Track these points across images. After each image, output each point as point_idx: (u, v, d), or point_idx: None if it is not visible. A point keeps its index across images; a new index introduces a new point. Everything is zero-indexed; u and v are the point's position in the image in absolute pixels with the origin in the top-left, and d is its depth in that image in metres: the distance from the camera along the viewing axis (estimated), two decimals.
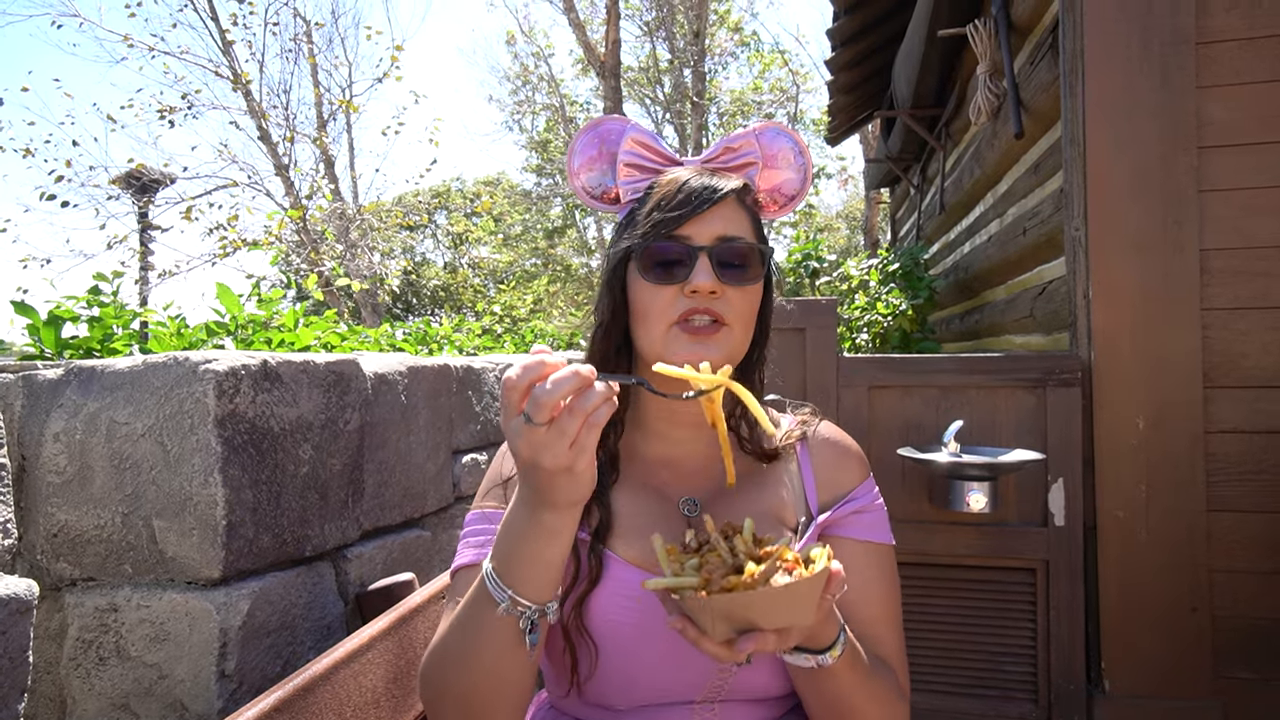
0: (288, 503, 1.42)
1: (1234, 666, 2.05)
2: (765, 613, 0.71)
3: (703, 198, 0.92)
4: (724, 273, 0.91)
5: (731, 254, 0.92)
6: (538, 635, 0.80)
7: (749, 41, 17.98)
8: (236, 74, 9.92)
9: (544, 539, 0.77)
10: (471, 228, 16.80)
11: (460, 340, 3.67)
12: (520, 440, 0.72)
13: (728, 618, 0.72)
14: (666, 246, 0.91)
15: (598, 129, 1.03)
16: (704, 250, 0.90)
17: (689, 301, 0.90)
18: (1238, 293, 2.08)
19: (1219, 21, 2.11)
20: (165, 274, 9.05)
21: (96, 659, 1.32)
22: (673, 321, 0.90)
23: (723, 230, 0.92)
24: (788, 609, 0.72)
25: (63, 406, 1.33)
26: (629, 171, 1.00)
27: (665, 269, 0.91)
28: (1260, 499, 2.04)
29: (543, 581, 0.79)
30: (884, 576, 1.00)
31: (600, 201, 1.05)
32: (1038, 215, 2.86)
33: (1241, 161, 2.09)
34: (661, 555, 0.79)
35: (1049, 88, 2.62)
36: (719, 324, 0.91)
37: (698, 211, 0.91)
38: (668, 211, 0.92)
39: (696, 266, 0.90)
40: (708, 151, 1.02)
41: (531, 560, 0.78)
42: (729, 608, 0.71)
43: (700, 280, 0.89)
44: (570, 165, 1.05)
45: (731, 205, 0.95)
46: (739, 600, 0.70)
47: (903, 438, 2.24)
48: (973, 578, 2.21)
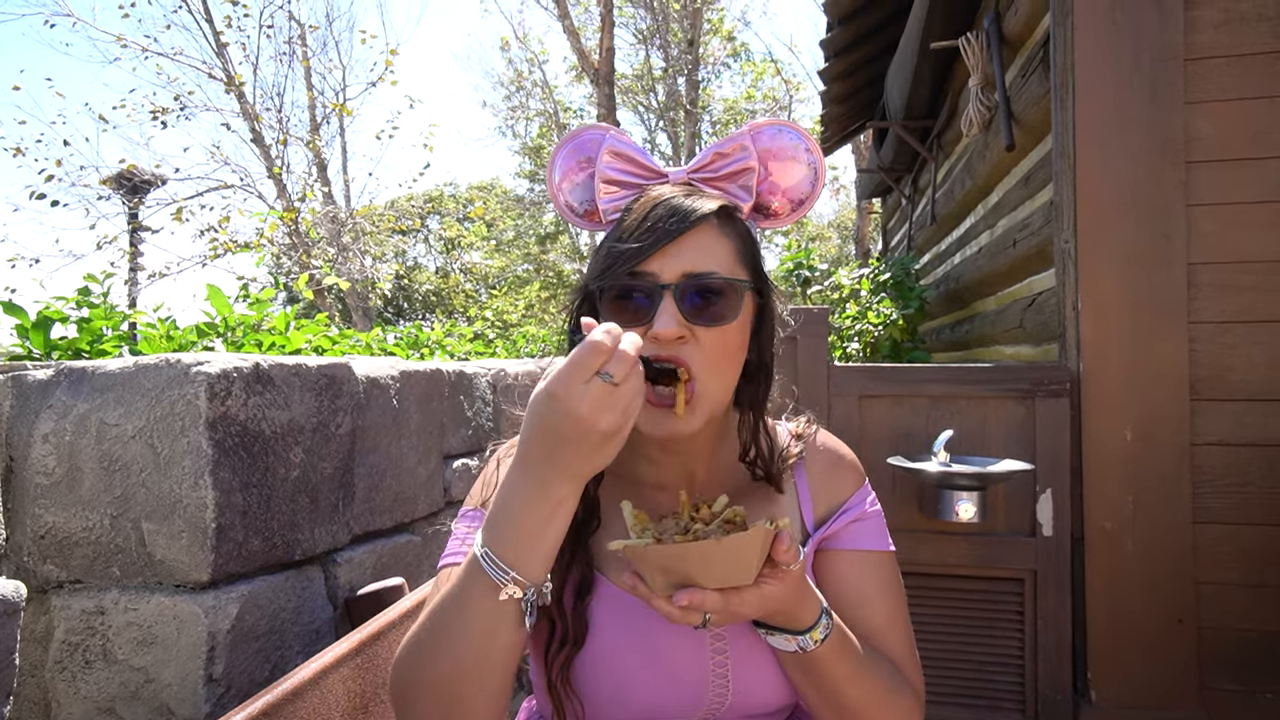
0: (278, 506, 1.41)
1: (1220, 678, 2.06)
2: (700, 567, 0.72)
3: (667, 229, 0.81)
4: (693, 313, 0.81)
5: (702, 291, 0.81)
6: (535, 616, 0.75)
7: (740, 51, 18.09)
8: (230, 76, 9.90)
9: (551, 510, 0.73)
10: (464, 233, 16.79)
11: (452, 345, 3.66)
12: (587, 401, 0.68)
13: (664, 570, 0.73)
14: (627, 286, 0.82)
15: (578, 139, 0.94)
16: (667, 289, 0.81)
17: (653, 347, 0.80)
18: (1225, 307, 2.11)
19: (1207, 38, 2.15)
20: (155, 275, 9.00)
21: (83, 662, 1.31)
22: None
23: (691, 265, 0.82)
24: (723, 565, 0.72)
25: (52, 407, 1.32)
26: (608, 189, 0.90)
27: (627, 311, 0.82)
28: (1246, 511, 2.06)
29: (543, 556, 0.74)
30: (886, 583, 0.98)
31: (584, 219, 0.95)
32: (1028, 227, 2.88)
33: (1229, 177, 2.12)
34: (630, 520, 0.79)
35: (1040, 101, 2.64)
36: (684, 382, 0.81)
37: (661, 244, 0.81)
38: (630, 242, 0.82)
39: (660, 308, 0.80)
40: (696, 159, 0.91)
41: (534, 535, 0.73)
42: (664, 559, 0.72)
43: (662, 326, 0.79)
44: (551, 180, 0.96)
45: (707, 232, 0.84)
46: (673, 552, 0.71)
47: (893, 447, 2.26)
48: (961, 587, 2.22)
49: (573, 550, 0.89)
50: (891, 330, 4.22)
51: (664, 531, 0.76)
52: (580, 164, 0.95)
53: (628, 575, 0.75)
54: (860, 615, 0.94)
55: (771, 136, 0.92)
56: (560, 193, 0.96)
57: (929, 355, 4.59)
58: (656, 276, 0.82)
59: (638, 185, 0.91)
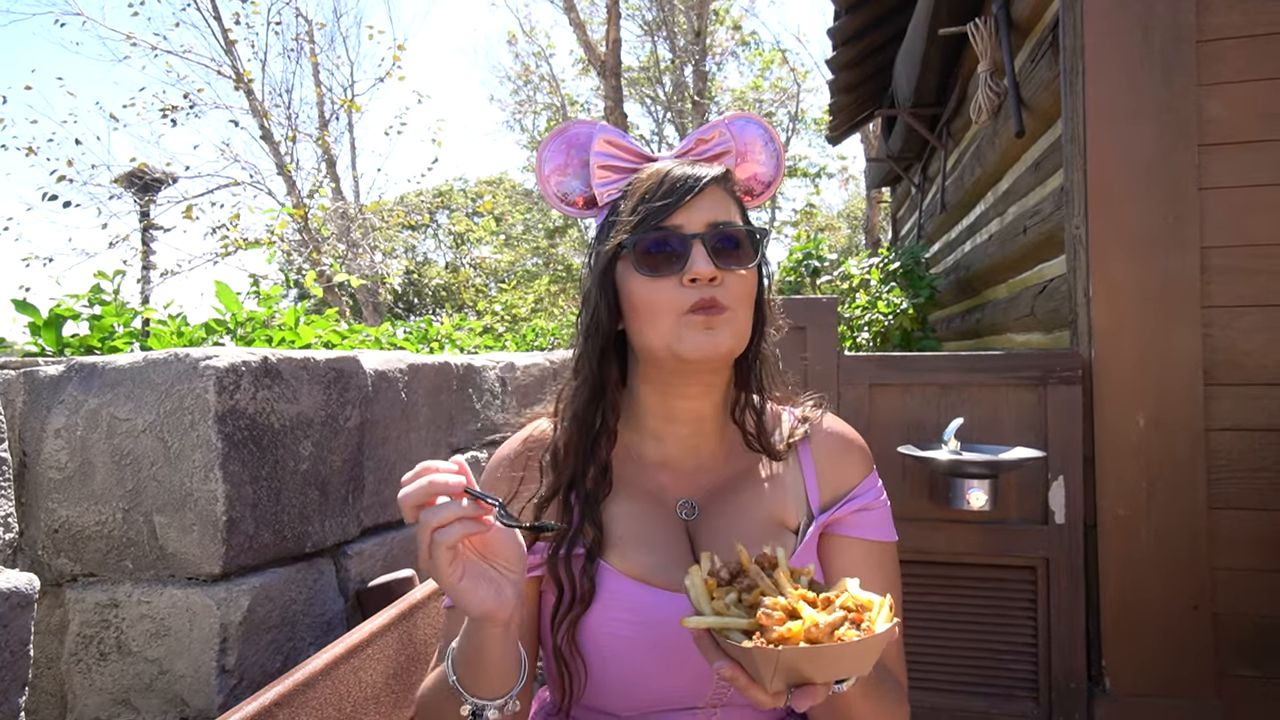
0: (288, 499, 1.42)
1: (1236, 665, 2.04)
2: (829, 667, 0.67)
3: (688, 185, 0.90)
4: (720, 258, 0.89)
5: (726, 238, 0.90)
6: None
7: (749, 40, 17.99)
8: (239, 73, 9.94)
9: (473, 644, 0.79)
10: (473, 227, 16.81)
11: (461, 339, 3.67)
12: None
13: (791, 671, 0.67)
14: (659, 237, 0.89)
15: (565, 134, 1.01)
16: (698, 237, 0.89)
17: (693, 292, 0.88)
18: (1238, 291, 2.08)
19: (1220, 19, 2.11)
20: (167, 273, 9.07)
21: (97, 654, 1.32)
22: (681, 311, 0.88)
23: (712, 216, 0.91)
24: (853, 663, 0.68)
25: (64, 403, 1.33)
26: (604, 173, 0.97)
27: (660, 261, 0.89)
28: (1261, 497, 2.04)
29: (485, 680, 0.80)
30: (887, 575, 0.99)
31: (575, 208, 1.02)
32: (1038, 213, 2.85)
33: (1242, 159, 2.09)
34: (701, 591, 0.74)
35: (1049, 86, 2.61)
36: (723, 308, 0.89)
37: (684, 199, 0.89)
38: (654, 202, 0.90)
39: (693, 254, 0.88)
40: (680, 145, 1.00)
41: (472, 661, 0.80)
42: (795, 662, 0.66)
43: (700, 267, 0.87)
44: (540, 173, 1.02)
45: (716, 191, 0.93)
46: (807, 654, 0.66)
47: (903, 436, 2.24)
48: (973, 576, 2.21)
49: (584, 515, 0.92)
50: (902, 319, 4.19)
51: (769, 613, 0.69)
52: (569, 156, 1.01)
53: (726, 667, 0.69)
54: None
55: (741, 127, 1.02)
56: (549, 184, 1.02)
57: (939, 344, 4.57)
58: (684, 227, 0.90)
59: (630, 169, 0.97)
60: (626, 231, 0.91)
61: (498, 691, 0.80)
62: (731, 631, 0.69)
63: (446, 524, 0.70)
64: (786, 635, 0.67)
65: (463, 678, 0.80)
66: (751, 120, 1.03)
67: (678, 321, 0.88)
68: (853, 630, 0.68)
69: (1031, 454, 2.03)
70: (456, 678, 0.80)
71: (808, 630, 0.67)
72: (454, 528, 0.70)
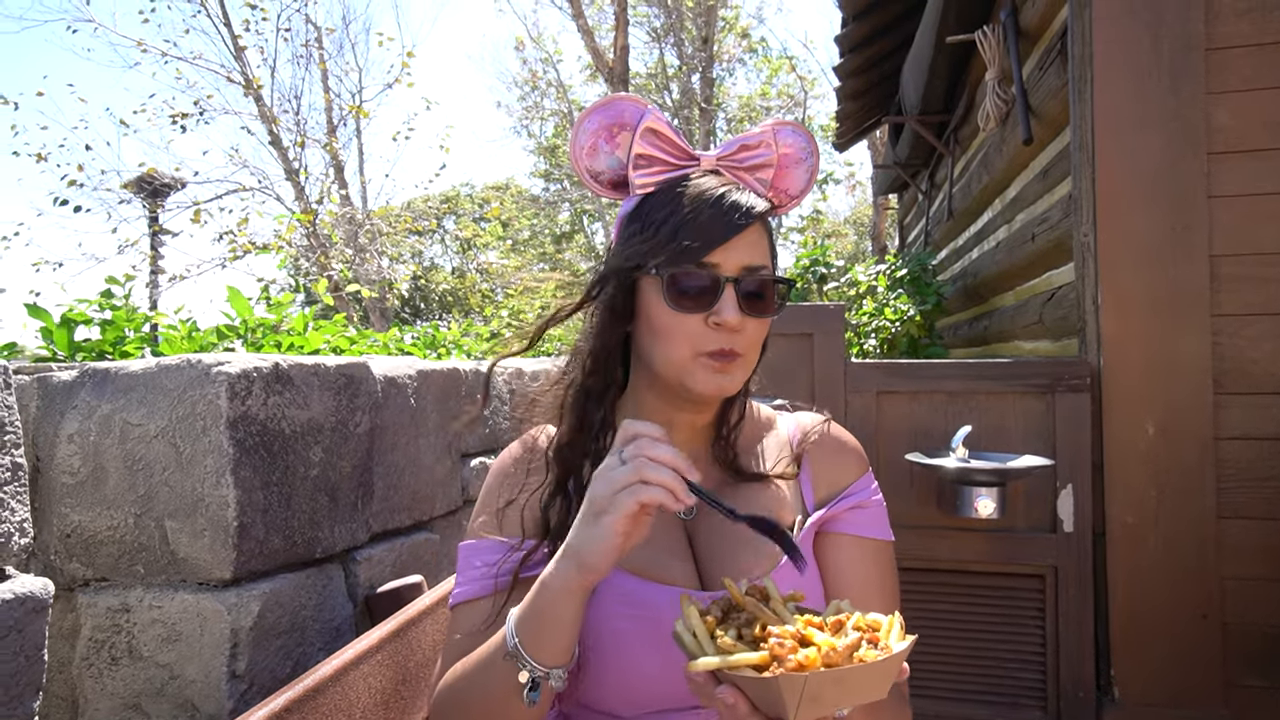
0: (298, 504, 1.43)
1: (1245, 675, 2.03)
2: (854, 690, 0.65)
3: (733, 225, 0.88)
4: (748, 305, 0.89)
5: (755, 285, 0.89)
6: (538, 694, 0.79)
7: (757, 48, 18.02)
8: (248, 79, 10.02)
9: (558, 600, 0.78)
10: (480, 233, 16.86)
11: (469, 344, 3.68)
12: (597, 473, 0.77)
13: (815, 699, 0.64)
14: (695, 276, 0.87)
15: (611, 108, 0.95)
16: (731, 281, 0.87)
17: (715, 336, 0.88)
18: (1247, 299, 2.08)
19: (1229, 27, 2.11)
20: (176, 278, 9.13)
21: (109, 659, 1.33)
22: (699, 352, 0.88)
23: (749, 259, 0.89)
24: (877, 684, 0.66)
25: (77, 408, 1.35)
26: (643, 163, 0.94)
27: (691, 297, 0.88)
28: (1271, 506, 2.03)
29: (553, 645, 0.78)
30: (883, 574, 0.99)
31: (604, 187, 0.99)
32: (1046, 221, 2.85)
33: (1251, 168, 2.09)
34: (702, 633, 0.71)
35: (1058, 93, 2.62)
36: (738, 355, 0.90)
37: (728, 238, 0.88)
38: (694, 235, 0.87)
39: (723, 298, 0.87)
40: (723, 148, 0.96)
41: (548, 623, 0.78)
42: (821, 687, 0.63)
43: (727, 316, 0.87)
44: (575, 143, 0.97)
45: (757, 228, 0.91)
46: (833, 678, 0.64)
47: (911, 443, 2.24)
48: (981, 584, 2.21)
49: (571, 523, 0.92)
50: (909, 326, 4.19)
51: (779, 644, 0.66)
52: (610, 132, 0.96)
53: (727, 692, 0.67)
54: (857, 604, 0.94)
55: (787, 136, 0.99)
56: (581, 156, 0.97)
57: (947, 351, 4.56)
58: (720, 268, 0.88)
59: (670, 164, 0.94)
60: (660, 254, 0.88)
61: (560, 660, 0.79)
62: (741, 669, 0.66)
63: (654, 484, 0.72)
64: (805, 662, 0.64)
65: (528, 642, 0.78)
66: (798, 132, 1.01)
67: (694, 359, 0.89)
68: (871, 650, 0.67)
69: (1040, 462, 2.02)
70: (519, 641, 0.78)
71: (826, 655, 0.65)
72: (657, 491, 0.72)
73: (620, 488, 0.73)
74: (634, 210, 0.95)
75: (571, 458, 0.94)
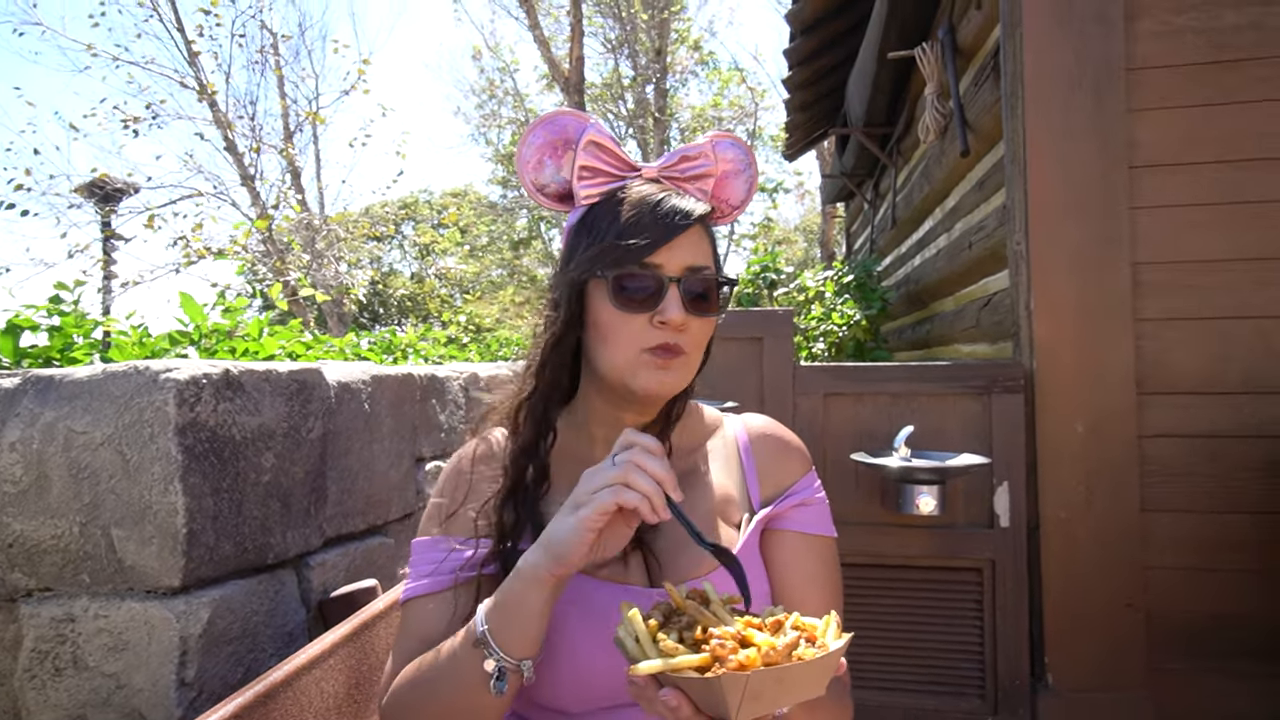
0: (249, 510, 1.42)
1: (1166, 659, 2.15)
2: (794, 687, 0.66)
3: (674, 225, 0.91)
4: (691, 304, 0.91)
5: (699, 285, 0.92)
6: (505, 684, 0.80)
7: (707, 60, 18.26)
8: (202, 84, 9.80)
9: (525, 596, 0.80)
10: (438, 238, 16.71)
11: (425, 349, 3.67)
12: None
13: (757, 697, 0.65)
14: (638, 277, 0.90)
15: (553, 123, 0.98)
16: (674, 281, 0.90)
17: (657, 334, 0.90)
18: (1168, 304, 2.20)
19: (1147, 48, 2.24)
20: (128, 284, 8.86)
21: (53, 670, 1.31)
22: (642, 349, 0.91)
23: (691, 259, 0.92)
24: (815, 681, 0.67)
25: (19, 415, 1.33)
26: (586, 174, 0.97)
27: (635, 298, 0.90)
28: (1190, 499, 2.15)
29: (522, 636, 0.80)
30: (827, 569, 1.02)
31: (549, 199, 1.01)
32: (983, 230, 2.97)
33: (1169, 181, 2.22)
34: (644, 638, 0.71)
35: (992, 108, 2.73)
36: (681, 352, 0.92)
37: (668, 239, 0.90)
38: (637, 237, 0.90)
39: (667, 298, 0.90)
40: (664, 159, 0.99)
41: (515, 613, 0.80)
42: (762, 685, 0.64)
43: (671, 314, 0.89)
44: (521, 156, 1.00)
45: (698, 230, 0.94)
46: (773, 676, 0.65)
47: (856, 443, 2.32)
48: (922, 578, 2.29)
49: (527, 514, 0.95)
50: (855, 331, 4.30)
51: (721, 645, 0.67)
52: (554, 146, 0.99)
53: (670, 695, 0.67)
54: (801, 596, 0.98)
55: (725, 149, 1.04)
56: (527, 170, 1.00)
57: (891, 355, 4.69)
58: (663, 269, 0.91)
59: (613, 175, 0.97)
60: (605, 258, 0.91)
61: (528, 651, 0.80)
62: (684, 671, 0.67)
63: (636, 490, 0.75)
64: (746, 662, 0.65)
65: (497, 631, 0.80)
66: (735, 144, 1.05)
67: (636, 357, 0.91)
68: (810, 648, 0.68)
69: (977, 460, 2.11)
70: (489, 628, 0.80)
71: (765, 654, 0.66)
72: (635, 497, 0.75)
73: (603, 486, 0.76)
74: (579, 221, 0.98)
75: (524, 463, 0.96)
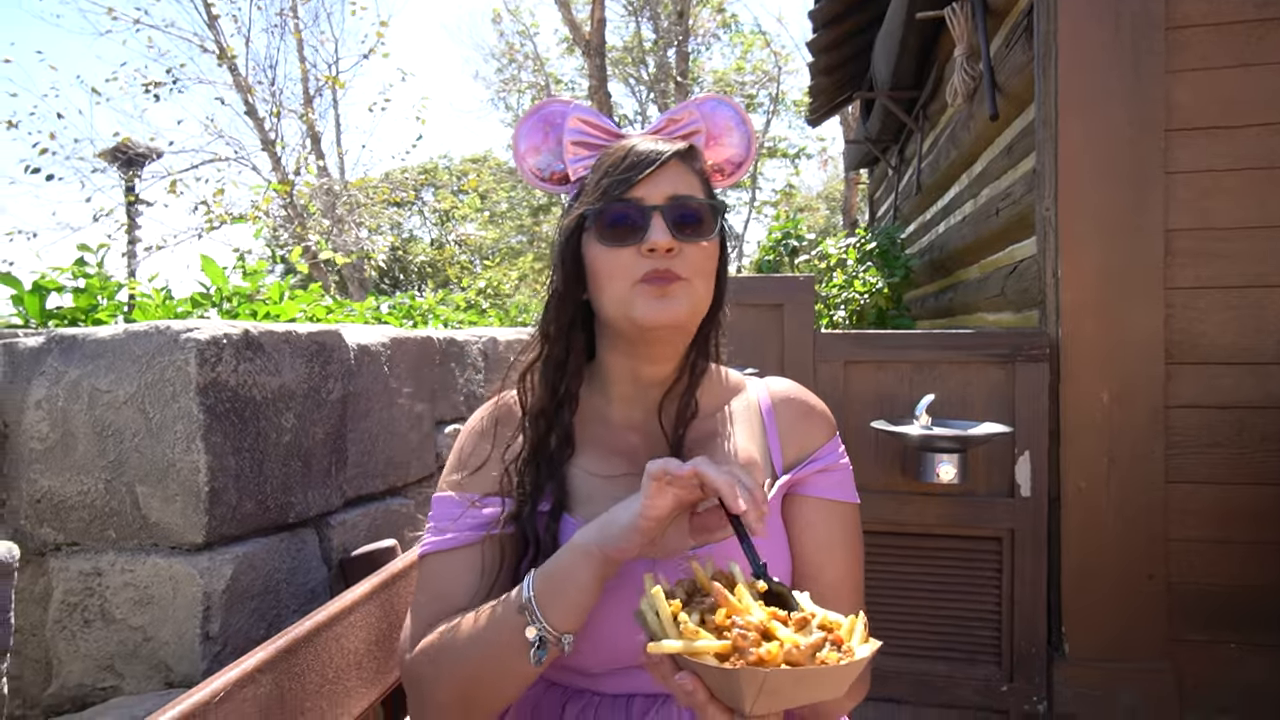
0: (270, 470, 1.44)
1: (1185, 629, 2.14)
2: (812, 690, 0.64)
3: (650, 159, 0.93)
4: (679, 230, 0.92)
5: (685, 211, 0.93)
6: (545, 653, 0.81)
7: (730, 23, 17.91)
8: (222, 48, 9.80)
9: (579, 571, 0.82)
10: (458, 204, 16.69)
11: (445, 314, 3.68)
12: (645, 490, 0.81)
13: (773, 694, 0.63)
14: (620, 209, 0.92)
15: (541, 112, 1.04)
16: (657, 209, 0.91)
17: (649, 261, 0.91)
18: (1199, 273, 2.15)
19: (1188, 6, 2.16)
20: (153, 248, 8.96)
21: (82, 622, 1.34)
22: (634, 280, 0.91)
23: (673, 189, 0.93)
24: (834, 686, 0.65)
25: (44, 374, 1.34)
26: (577, 149, 1.00)
27: (621, 231, 0.92)
28: (1214, 471, 2.12)
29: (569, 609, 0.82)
30: (848, 536, 1.02)
31: (549, 183, 1.06)
32: (1010, 196, 2.91)
33: (1206, 145, 2.15)
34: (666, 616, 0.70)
35: (1023, 70, 2.66)
36: (678, 279, 0.92)
37: (645, 172, 0.92)
38: (617, 175, 0.93)
39: (652, 225, 0.91)
40: (652, 125, 1.03)
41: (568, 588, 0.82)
42: (780, 684, 0.63)
43: (656, 238, 0.90)
44: (516, 149, 1.06)
45: (679, 167, 0.96)
46: (792, 677, 0.63)
47: (876, 411, 2.30)
48: (942, 546, 2.28)
49: (550, 475, 0.96)
50: (877, 298, 4.26)
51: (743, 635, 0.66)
52: (545, 134, 1.05)
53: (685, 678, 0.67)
54: (821, 562, 0.99)
55: (712, 109, 1.05)
56: (525, 160, 1.06)
57: (913, 323, 4.64)
58: (645, 200, 0.92)
59: (602, 146, 1.01)
60: (591, 202, 0.94)
61: (569, 624, 0.81)
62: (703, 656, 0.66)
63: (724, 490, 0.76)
64: (766, 657, 0.64)
65: (543, 599, 0.81)
66: (723, 102, 1.06)
67: (631, 289, 0.92)
68: (834, 651, 0.66)
69: (999, 429, 2.09)
70: (534, 595, 0.81)
71: (787, 652, 0.65)
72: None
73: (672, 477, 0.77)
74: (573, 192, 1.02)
75: (543, 425, 0.97)
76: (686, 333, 0.98)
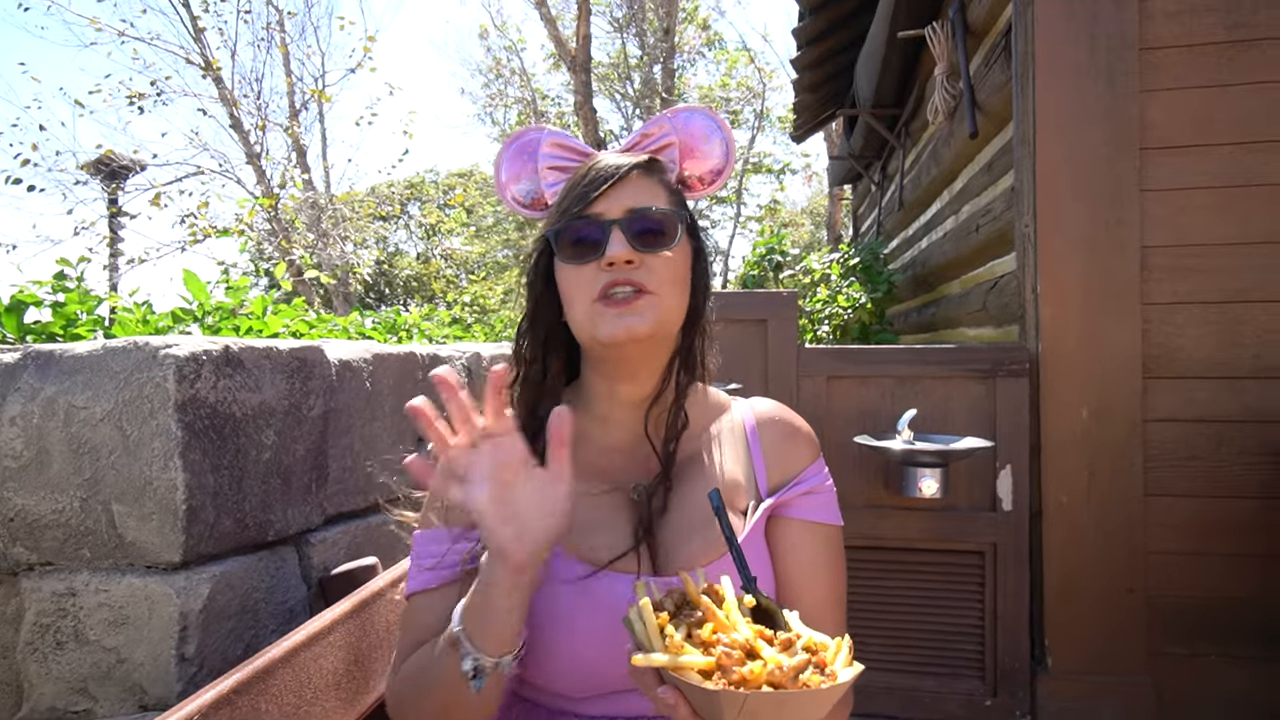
0: (250, 487, 1.42)
1: (1165, 642, 2.15)
2: (793, 713, 0.64)
3: (607, 174, 0.93)
4: (640, 242, 0.91)
5: (646, 222, 0.92)
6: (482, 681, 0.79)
7: (715, 40, 18.09)
8: (208, 61, 9.76)
9: (481, 587, 0.80)
10: (444, 219, 16.67)
11: (430, 329, 3.67)
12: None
13: (755, 714, 0.63)
14: (580, 225, 0.92)
15: (518, 141, 1.06)
16: (615, 223, 0.91)
17: (609, 274, 0.90)
18: (1175, 288, 2.18)
19: (1161, 28, 2.21)
20: (135, 261, 8.87)
21: (54, 643, 1.32)
22: (594, 298, 0.90)
23: (632, 202, 0.93)
24: (816, 710, 0.65)
25: (19, 390, 1.33)
26: (552, 174, 1.01)
27: (582, 248, 0.92)
28: (1192, 484, 2.15)
29: (491, 631, 0.80)
30: (832, 558, 1.01)
31: (532, 209, 1.07)
32: (990, 212, 2.94)
33: (1180, 163, 2.19)
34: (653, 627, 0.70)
35: (1002, 89, 2.70)
36: (642, 292, 0.90)
37: (601, 188, 0.92)
38: (576, 192, 0.93)
39: (610, 239, 0.90)
40: (626, 140, 1.03)
41: (478, 607, 0.80)
42: (760, 706, 0.63)
43: (614, 251, 0.89)
44: (498, 179, 1.07)
45: (641, 180, 0.95)
46: (774, 700, 0.63)
47: (859, 426, 2.31)
48: (924, 561, 2.29)
49: None
50: (860, 313, 4.29)
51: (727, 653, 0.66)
52: (524, 161, 1.05)
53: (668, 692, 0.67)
54: (805, 584, 0.97)
55: (686, 119, 1.04)
56: (507, 189, 1.07)
57: (896, 337, 4.67)
58: (603, 215, 0.92)
59: (575, 166, 1.01)
60: (553, 222, 0.94)
61: (504, 648, 0.80)
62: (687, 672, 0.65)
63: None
64: (749, 676, 0.64)
65: (469, 627, 0.80)
66: (697, 111, 1.05)
67: (591, 307, 0.91)
68: (817, 674, 0.66)
69: (981, 444, 2.10)
70: (463, 627, 0.80)
71: (770, 673, 0.64)
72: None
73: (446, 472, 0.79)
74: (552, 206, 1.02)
75: None
76: (661, 347, 0.97)
